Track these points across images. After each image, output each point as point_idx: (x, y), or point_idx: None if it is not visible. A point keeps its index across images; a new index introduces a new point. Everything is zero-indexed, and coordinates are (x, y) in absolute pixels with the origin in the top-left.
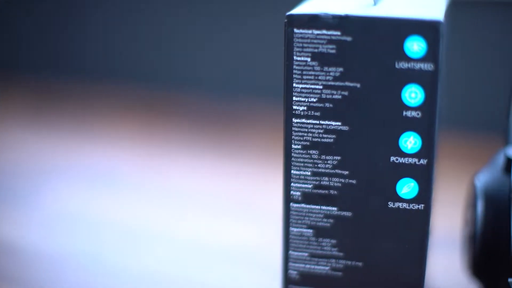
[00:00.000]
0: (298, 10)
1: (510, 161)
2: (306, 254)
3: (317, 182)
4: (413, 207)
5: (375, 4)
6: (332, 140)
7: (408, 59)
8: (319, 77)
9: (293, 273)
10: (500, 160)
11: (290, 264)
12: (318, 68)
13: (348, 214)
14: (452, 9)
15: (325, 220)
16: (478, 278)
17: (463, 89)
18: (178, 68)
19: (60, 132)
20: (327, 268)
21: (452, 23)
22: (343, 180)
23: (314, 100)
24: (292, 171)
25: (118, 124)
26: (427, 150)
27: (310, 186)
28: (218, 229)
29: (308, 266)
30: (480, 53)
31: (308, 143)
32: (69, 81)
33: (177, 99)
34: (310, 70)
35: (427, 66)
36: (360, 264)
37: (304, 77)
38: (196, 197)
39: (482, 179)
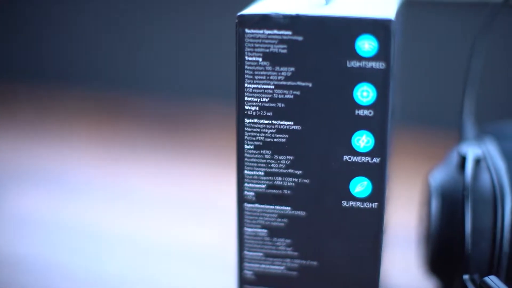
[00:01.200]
0: (249, 10)
1: (463, 158)
2: (261, 254)
3: (270, 182)
4: (367, 205)
5: (326, 3)
6: (284, 140)
7: (360, 58)
8: (271, 77)
9: (248, 273)
10: (454, 158)
11: (245, 264)
12: (269, 68)
13: (302, 213)
14: (405, 9)
15: (279, 220)
16: (435, 275)
17: (418, 86)
18: (131, 71)
19: (14, 135)
20: (282, 267)
21: (405, 22)
22: (296, 180)
23: (266, 100)
24: (245, 171)
25: (72, 126)
26: (380, 148)
27: (263, 186)
28: (175, 230)
29: (263, 266)
30: (435, 51)
31: (260, 143)
32: (23, 84)
33: (132, 101)
34: (261, 70)
35: (379, 65)
36: (315, 263)
37: (256, 77)
38: (153, 198)
39: (436, 177)
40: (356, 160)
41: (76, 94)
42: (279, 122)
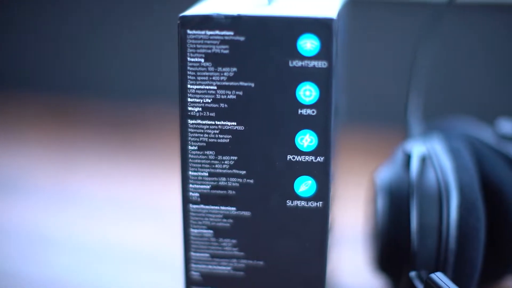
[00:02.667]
0: (191, 11)
1: (408, 156)
2: (207, 254)
3: (214, 183)
4: (312, 205)
5: (269, 3)
6: (228, 140)
7: (302, 57)
8: (213, 78)
9: (195, 274)
10: (400, 156)
11: (192, 265)
12: (212, 68)
13: (247, 213)
14: (350, 8)
15: (224, 220)
16: (383, 273)
17: (366, 84)
18: (79, 74)
19: None
20: (228, 268)
21: (351, 21)
22: (240, 180)
23: (209, 100)
24: (190, 172)
25: (25, 130)
26: (324, 147)
27: (208, 186)
28: (123, 232)
29: (209, 266)
30: (384, 49)
31: (204, 144)
32: None
33: (80, 104)
34: (204, 71)
35: (321, 64)
36: (261, 263)
37: (198, 78)
38: (99, 201)
39: (382, 175)
40: (300, 160)
41: (24, 98)
42: (222, 122)
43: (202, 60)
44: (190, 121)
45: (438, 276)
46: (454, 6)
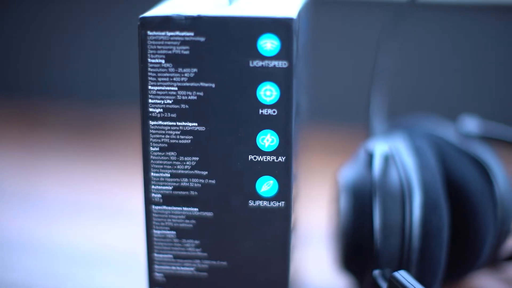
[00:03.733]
0: (152, 12)
1: (370, 155)
2: (171, 256)
3: (176, 184)
4: (274, 204)
5: (230, 4)
6: (189, 141)
7: (262, 57)
8: (174, 79)
9: (158, 275)
10: (362, 155)
11: (155, 266)
12: (172, 69)
13: (209, 214)
14: (313, 7)
15: (187, 221)
16: (348, 272)
17: (330, 83)
18: (47, 77)
19: None
20: (192, 269)
21: (315, 20)
22: (202, 181)
23: (170, 101)
24: (152, 174)
25: None
26: (285, 147)
27: (170, 187)
28: (87, 234)
29: (173, 267)
30: (349, 48)
31: (166, 145)
32: None
33: (46, 107)
34: (164, 72)
35: (281, 64)
36: (224, 263)
37: (159, 79)
38: (64, 204)
39: (345, 174)
40: (262, 160)
41: None
42: (183, 123)
43: (163, 61)
44: (151, 122)
45: (401, 274)
46: (416, 5)
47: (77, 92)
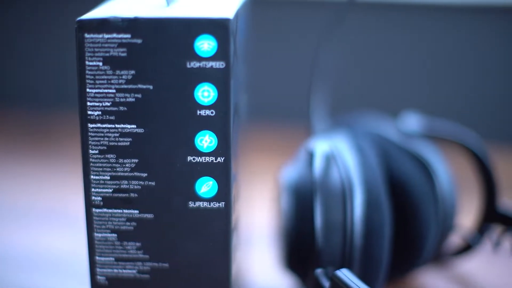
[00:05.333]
0: (89, 14)
1: (311, 154)
2: (112, 258)
3: (116, 186)
4: (214, 205)
5: (168, 5)
6: (128, 143)
7: (199, 58)
8: (112, 81)
9: (100, 278)
10: (303, 154)
11: (97, 269)
12: (110, 72)
13: (150, 216)
14: (253, 7)
15: (128, 223)
16: (291, 271)
17: (274, 83)
18: None
19: None
20: (134, 271)
21: (256, 20)
22: (142, 183)
23: (108, 104)
24: (91, 176)
25: None
26: (224, 148)
27: (110, 190)
28: (29, 237)
29: (115, 270)
30: (293, 48)
31: (105, 148)
32: None
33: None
34: (102, 75)
35: (219, 64)
36: (166, 265)
37: (97, 81)
38: (5, 208)
39: (286, 173)
40: (200, 161)
41: None
42: (122, 125)
43: (101, 63)
44: (90, 125)
45: (344, 273)
46: (356, 5)
47: (21, 97)
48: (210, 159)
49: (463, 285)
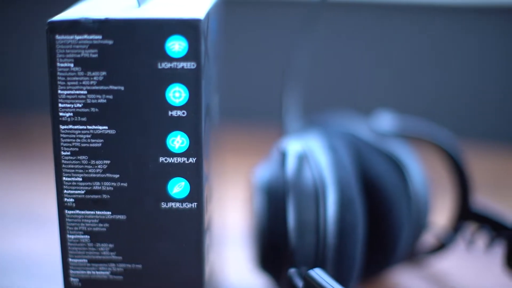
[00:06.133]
0: (60, 16)
1: (283, 154)
2: (85, 260)
3: (89, 188)
4: (186, 206)
5: (139, 5)
6: (100, 144)
7: (170, 59)
8: (83, 82)
9: (74, 280)
10: (276, 154)
11: (71, 271)
12: (81, 73)
13: (122, 217)
14: (224, 7)
15: (100, 225)
16: (265, 272)
17: (245, 83)
18: None
19: None
20: (107, 272)
21: (228, 21)
22: (114, 184)
23: (80, 105)
24: (64, 178)
25: None
26: (195, 148)
27: (82, 191)
28: (2, 240)
29: (88, 272)
30: (267, 48)
31: (77, 149)
32: None
33: None
34: (74, 76)
35: (190, 65)
36: (139, 266)
37: (69, 83)
38: None
39: (259, 173)
40: (172, 161)
41: None
42: (93, 127)
43: (72, 65)
44: (62, 127)
45: (317, 272)
46: (328, 4)
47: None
48: (182, 160)
49: (437, 284)
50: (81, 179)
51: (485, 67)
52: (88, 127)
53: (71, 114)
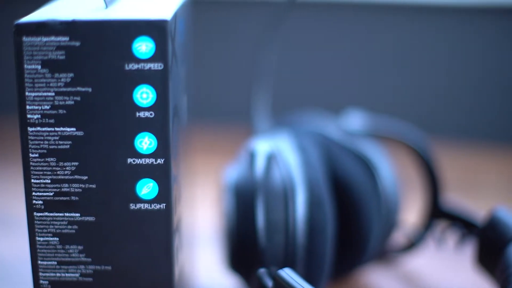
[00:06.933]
0: (27, 18)
1: (252, 154)
2: (55, 262)
3: (57, 189)
4: (155, 207)
5: (106, 6)
6: (68, 146)
7: (138, 60)
8: (51, 84)
9: (43, 282)
10: (245, 154)
11: (40, 274)
12: (49, 75)
13: (91, 219)
14: (192, 7)
15: (69, 227)
16: (235, 272)
17: (215, 83)
18: None
19: None
20: (77, 275)
21: (196, 21)
22: (83, 185)
23: (48, 107)
24: (32, 180)
25: None
26: (163, 149)
27: (51, 194)
28: None
29: (58, 274)
30: (231, 48)
31: (45, 151)
32: None
33: None
34: (41, 78)
35: (157, 66)
36: (109, 267)
37: (36, 85)
38: None
39: (229, 173)
40: (140, 162)
41: None
42: (61, 128)
43: (39, 67)
44: (30, 129)
45: (286, 272)
46: (296, 4)
47: None
48: (150, 161)
49: (408, 282)
50: (49, 181)
51: (454, 66)
52: (56, 129)
53: (39, 116)
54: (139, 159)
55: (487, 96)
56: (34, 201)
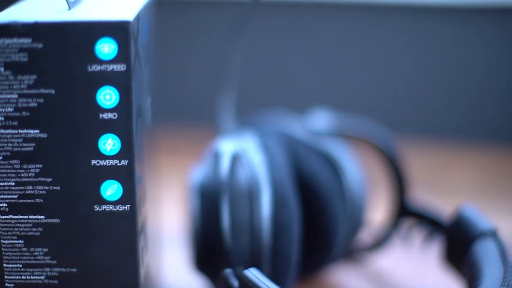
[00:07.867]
0: None
1: (217, 154)
2: (20, 265)
3: (22, 192)
4: (119, 208)
5: (69, 8)
6: (32, 148)
7: (100, 62)
8: (14, 86)
9: (10, 285)
10: (210, 154)
11: (6, 277)
12: (12, 77)
13: (56, 221)
14: (156, 8)
15: (34, 229)
16: (202, 272)
17: (180, 83)
18: None
19: None
20: (42, 277)
21: (157, 21)
22: (47, 188)
23: (11, 109)
24: None
25: None
26: (127, 151)
27: (15, 196)
28: None
29: (23, 277)
30: (197, 48)
31: (9, 153)
32: None
33: None
34: (4, 80)
35: (120, 67)
36: (74, 270)
37: None
38: None
39: (195, 174)
40: (104, 164)
41: None
42: (25, 131)
43: (2, 69)
44: None
45: (252, 272)
46: (261, 4)
47: None
48: (114, 162)
49: (375, 281)
50: (13, 184)
51: (418, 63)
52: (20, 131)
53: (2, 118)
54: (103, 161)
55: (455, 94)
56: None
